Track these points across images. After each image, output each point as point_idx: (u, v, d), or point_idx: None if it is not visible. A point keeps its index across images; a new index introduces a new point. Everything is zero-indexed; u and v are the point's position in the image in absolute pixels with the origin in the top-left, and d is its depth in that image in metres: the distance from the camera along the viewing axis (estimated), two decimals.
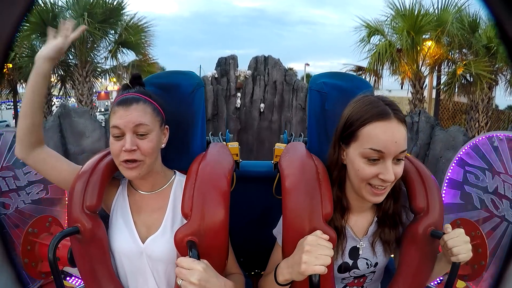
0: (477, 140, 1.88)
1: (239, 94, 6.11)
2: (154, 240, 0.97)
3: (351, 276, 0.99)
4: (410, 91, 7.44)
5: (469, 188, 1.87)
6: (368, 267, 0.98)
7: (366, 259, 0.98)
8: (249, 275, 1.63)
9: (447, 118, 9.55)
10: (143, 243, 0.96)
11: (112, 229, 1.00)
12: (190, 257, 0.80)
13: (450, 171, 1.94)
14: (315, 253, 0.75)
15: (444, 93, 7.17)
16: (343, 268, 0.96)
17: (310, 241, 0.77)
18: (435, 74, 7.98)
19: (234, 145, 1.40)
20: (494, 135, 1.85)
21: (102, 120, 3.67)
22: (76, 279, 2.11)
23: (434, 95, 9.32)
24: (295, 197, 0.89)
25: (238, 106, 6.13)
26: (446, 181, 1.94)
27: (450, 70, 7.08)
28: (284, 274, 0.84)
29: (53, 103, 7.98)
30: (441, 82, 7.73)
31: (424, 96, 7.54)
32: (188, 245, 0.83)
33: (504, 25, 0.47)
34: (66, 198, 1.97)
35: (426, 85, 7.52)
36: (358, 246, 0.97)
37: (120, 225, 0.99)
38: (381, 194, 0.85)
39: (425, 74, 7.30)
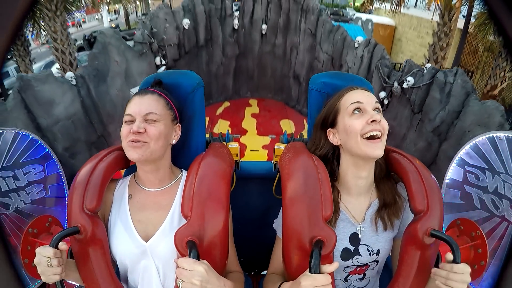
0: (477, 140, 1.89)
1: (236, 14, 5.08)
2: (160, 237, 0.96)
3: (354, 265, 1.01)
4: (437, 21, 6.73)
5: (469, 188, 1.87)
6: (370, 255, 1.00)
7: (367, 246, 1.00)
8: (249, 275, 1.63)
9: (468, 53, 8.48)
10: (147, 241, 0.96)
11: (110, 233, 1.00)
12: (190, 257, 0.80)
13: (450, 171, 1.94)
14: None
15: (479, 31, 6.34)
16: (345, 254, 0.99)
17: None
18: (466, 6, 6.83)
19: (234, 145, 1.40)
20: (494, 135, 1.85)
21: (72, 78, 3.15)
22: None
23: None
24: (295, 197, 0.89)
25: (236, 27, 5.13)
26: (446, 181, 1.94)
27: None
28: None
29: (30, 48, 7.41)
30: (472, 14, 6.73)
31: (451, 30, 6.64)
32: (188, 246, 0.83)
33: (505, 25, 0.47)
34: (66, 198, 1.97)
35: (453, 16, 6.57)
36: (357, 231, 1.00)
37: (118, 229, 0.99)
38: (377, 143, 0.92)
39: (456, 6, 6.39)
